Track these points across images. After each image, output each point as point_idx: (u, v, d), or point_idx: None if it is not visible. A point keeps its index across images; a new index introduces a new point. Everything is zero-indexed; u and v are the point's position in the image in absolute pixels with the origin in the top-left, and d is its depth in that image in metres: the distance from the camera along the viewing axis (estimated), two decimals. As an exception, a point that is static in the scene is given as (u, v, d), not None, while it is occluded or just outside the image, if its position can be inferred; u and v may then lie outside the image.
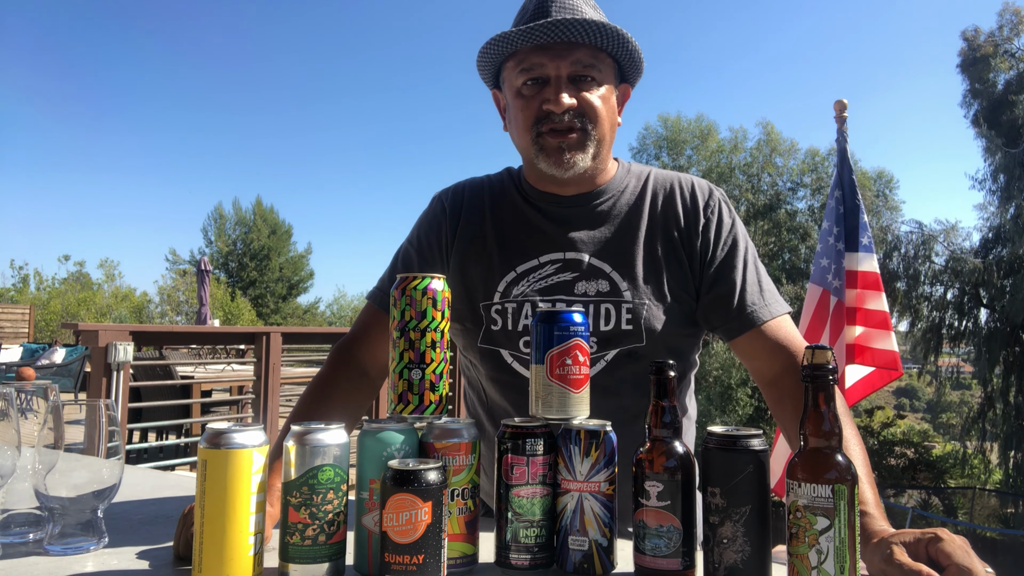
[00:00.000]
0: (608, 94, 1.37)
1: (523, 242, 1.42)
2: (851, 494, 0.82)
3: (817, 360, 0.86)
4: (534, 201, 1.45)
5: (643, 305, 1.35)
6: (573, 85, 1.33)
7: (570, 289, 1.37)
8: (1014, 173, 16.49)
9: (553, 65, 1.32)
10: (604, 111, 1.35)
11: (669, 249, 1.39)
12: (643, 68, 1.42)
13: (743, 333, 1.36)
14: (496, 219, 1.46)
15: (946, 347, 17.93)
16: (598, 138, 1.35)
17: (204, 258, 14.20)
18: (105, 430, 1.04)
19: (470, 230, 1.46)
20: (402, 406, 1.02)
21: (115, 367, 4.17)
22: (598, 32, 1.29)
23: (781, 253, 22.70)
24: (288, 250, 35.65)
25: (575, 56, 1.31)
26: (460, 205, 1.49)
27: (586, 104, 1.33)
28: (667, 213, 1.42)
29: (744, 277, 1.38)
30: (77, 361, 11.01)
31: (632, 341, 1.34)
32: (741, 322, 1.36)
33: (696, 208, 1.41)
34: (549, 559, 0.97)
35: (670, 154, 24.00)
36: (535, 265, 1.39)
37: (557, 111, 1.31)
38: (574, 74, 1.33)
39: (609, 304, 1.35)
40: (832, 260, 3.79)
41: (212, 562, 0.87)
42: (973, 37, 17.95)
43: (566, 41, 1.31)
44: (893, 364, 3.74)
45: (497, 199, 1.48)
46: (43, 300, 26.50)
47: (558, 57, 1.31)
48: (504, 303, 1.38)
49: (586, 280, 1.37)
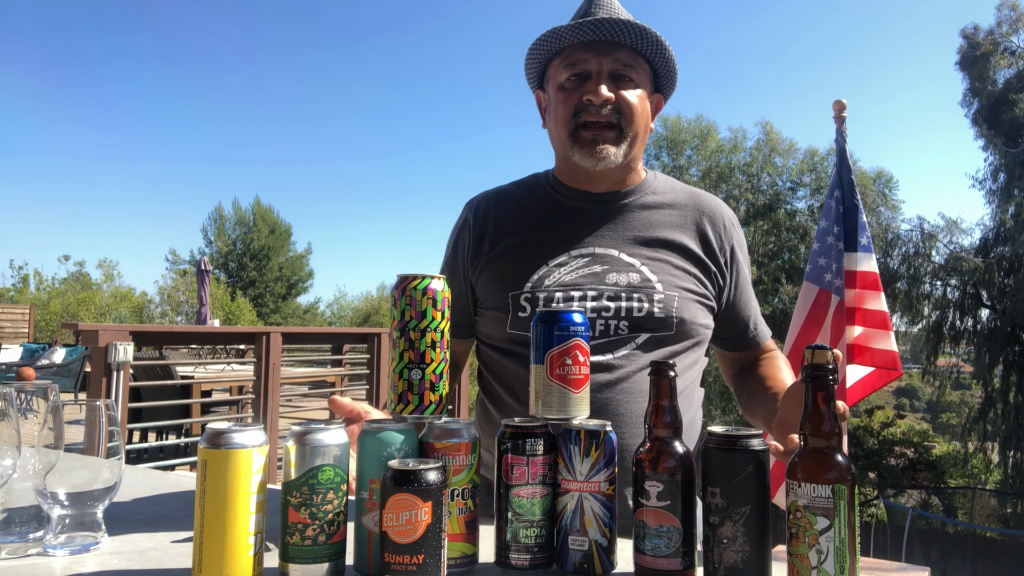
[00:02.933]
0: (644, 96, 1.45)
1: (554, 238, 1.46)
2: (851, 494, 0.82)
3: (817, 360, 0.86)
4: (565, 198, 1.51)
5: (674, 297, 1.41)
6: (613, 82, 1.41)
7: (602, 279, 1.41)
8: (1014, 172, 16.49)
9: (596, 61, 1.41)
10: (639, 110, 1.43)
11: (696, 256, 1.47)
12: (676, 81, 1.52)
13: (743, 351, 1.59)
14: (527, 218, 1.51)
15: (946, 347, 17.92)
16: (632, 135, 1.43)
17: (204, 258, 14.20)
18: (105, 430, 1.04)
19: (500, 233, 1.51)
20: (402, 406, 1.02)
21: (115, 367, 4.17)
22: (640, 34, 1.39)
23: (781, 253, 22.69)
24: (288, 250, 35.66)
25: (616, 55, 1.41)
26: (487, 213, 1.54)
27: (623, 100, 1.41)
28: (696, 225, 1.50)
29: (753, 303, 1.58)
30: (77, 361, 11.00)
31: (662, 327, 1.40)
32: (745, 342, 1.58)
33: (719, 227, 1.51)
34: (549, 559, 0.97)
35: (670, 154, 23.98)
36: (566, 259, 1.44)
37: (596, 101, 1.38)
38: (614, 71, 1.41)
39: (641, 294, 1.40)
40: (832, 259, 3.78)
41: (212, 562, 0.87)
42: (972, 35, 17.92)
43: (609, 41, 1.40)
44: (893, 364, 3.74)
45: (527, 200, 1.54)
46: (43, 300, 26.49)
47: (601, 54, 1.40)
48: (535, 292, 1.42)
49: (617, 272, 1.42)
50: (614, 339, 1.39)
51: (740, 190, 23.26)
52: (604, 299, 1.39)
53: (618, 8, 1.45)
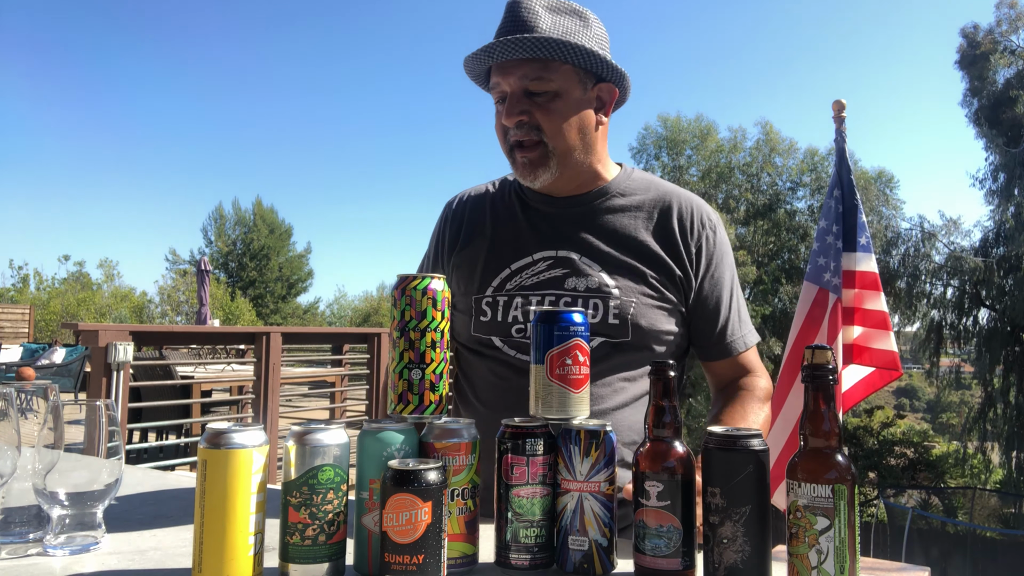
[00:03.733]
0: (570, 102, 1.38)
1: (518, 240, 1.47)
2: (851, 494, 0.82)
3: (817, 360, 0.86)
4: (531, 202, 1.51)
5: (631, 303, 1.39)
6: (528, 99, 1.37)
7: (560, 284, 1.41)
8: (1014, 172, 16.49)
9: (506, 82, 1.37)
10: (561, 121, 1.37)
11: (659, 259, 1.43)
12: (617, 66, 1.41)
13: (719, 360, 1.50)
14: (495, 220, 1.53)
15: (946, 347, 17.92)
16: (560, 149, 1.39)
17: (204, 258, 14.20)
18: (105, 430, 1.04)
19: (472, 232, 1.54)
20: (402, 406, 1.02)
21: (115, 367, 4.17)
22: (537, 46, 1.32)
23: (781, 253, 22.70)
24: (288, 250, 35.67)
25: (522, 71, 1.35)
26: (463, 209, 1.58)
27: (541, 117, 1.37)
28: (662, 225, 1.46)
29: (729, 306, 1.48)
30: (77, 361, 11.00)
31: (618, 334, 1.39)
32: (720, 350, 1.49)
33: (692, 228, 1.46)
34: (549, 559, 0.97)
35: (670, 154, 23.99)
36: (528, 262, 1.45)
37: (509, 125, 1.38)
38: (526, 89, 1.36)
39: (597, 299, 1.39)
40: (831, 259, 3.78)
41: (212, 562, 0.87)
42: (972, 34, 17.92)
43: (513, 59, 1.35)
44: (893, 364, 3.74)
45: (497, 201, 1.56)
46: (43, 300, 26.49)
47: (508, 74, 1.37)
48: (496, 296, 1.44)
49: (576, 277, 1.41)
50: None
51: (740, 190, 23.27)
52: (561, 304, 1.39)
53: (534, 12, 1.36)
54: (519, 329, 1.41)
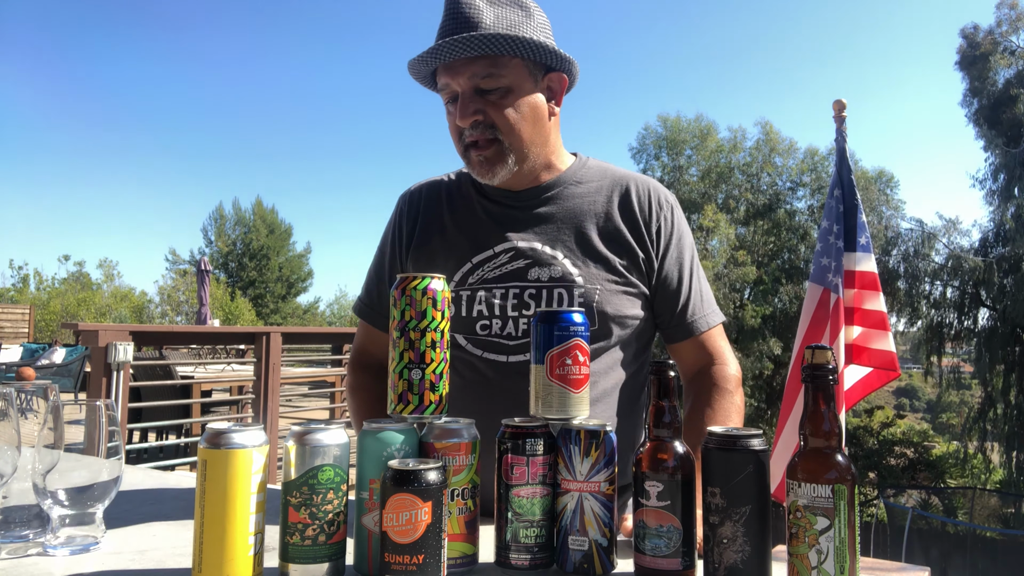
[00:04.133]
0: (522, 96, 1.38)
1: (478, 234, 1.47)
2: (851, 494, 0.82)
3: (817, 360, 0.86)
4: (488, 194, 1.50)
5: (595, 290, 1.39)
6: (480, 97, 1.36)
7: (523, 276, 1.41)
8: (1014, 172, 16.48)
9: (456, 82, 1.36)
10: (515, 116, 1.37)
11: (622, 241, 1.44)
12: (566, 56, 1.40)
13: (682, 340, 1.48)
14: (453, 214, 1.51)
15: (946, 347, 17.92)
16: (516, 145, 1.38)
17: (204, 258, 14.20)
18: (105, 430, 1.04)
19: (429, 226, 1.52)
20: (402, 406, 1.02)
21: (115, 367, 4.17)
22: (486, 43, 1.30)
23: (781, 253, 22.69)
24: (287, 250, 35.66)
25: (472, 70, 1.34)
26: (419, 203, 1.55)
27: (495, 115, 1.36)
28: (621, 208, 1.46)
29: (690, 285, 1.48)
30: (77, 361, 11.00)
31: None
32: (682, 330, 1.48)
33: (650, 209, 1.47)
34: (549, 559, 0.97)
35: (669, 154, 23.98)
36: (490, 255, 1.44)
37: (464, 126, 1.36)
38: (476, 87, 1.35)
39: (562, 289, 1.39)
40: (832, 258, 3.78)
41: (212, 562, 0.87)
42: (972, 34, 17.91)
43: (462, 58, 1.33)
44: (891, 364, 3.74)
45: (454, 195, 1.54)
46: (43, 300, 26.48)
47: (457, 74, 1.35)
48: (458, 290, 1.43)
49: (539, 267, 1.41)
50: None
51: (740, 190, 23.26)
52: (526, 296, 1.39)
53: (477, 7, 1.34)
54: (484, 325, 1.39)
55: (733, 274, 20.96)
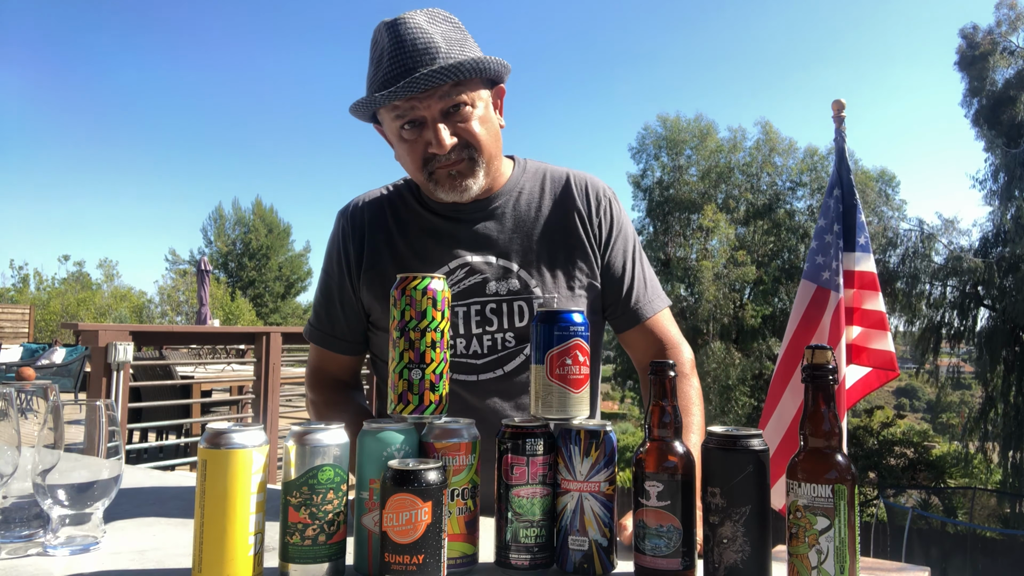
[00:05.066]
0: (485, 112, 1.40)
1: (430, 251, 1.46)
2: (851, 494, 0.82)
3: (817, 360, 0.86)
4: (436, 210, 1.48)
5: (553, 298, 1.42)
6: (448, 119, 1.36)
7: (482, 291, 1.42)
8: (1014, 173, 16.48)
9: (424, 106, 1.34)
10: (484, 132, 1.38)
11: (571, 242, 1.46)
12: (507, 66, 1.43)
13: (629, 328, 1.50)
14: (401, 232, 1.49)
15: (946, 347, 17.91)
16: (486, 160, 1.40)
17: (204, 258, 14.19)
18: (105, 430, 1.04)
19: (377, 247, 1.49)
20: (402, 406, 1.02)
21: (115, 367, 4.17)
22: (458, 71, 1.32)
23: (781, 253, 22.69)
24: (287, 249, 35.65)
25: (440, 92, 1.34)
26: (362, 222, 1.52)
27: (466, 134, 1.37)
28: (564, 208, 1.49)
29: (633, 273, 1.50)
30: (77, 361, 11.00)
31: None
32: (628, 317, 1.50)
33: (590, 203, 1.50)
34: (549, 559, 0.97)
35: (669, 154, 23.98)
36: (445, 272, 1.43)
37: (441, 153, 1.35)
38: (445, 108, 1.35)
39: (521, 301, 1.41)
40: (831, 257, 3.77)
41: (212, 562, 0.87)
42: (972, 35, 17.90)
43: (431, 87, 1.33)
44: (890, 364, 3.73)
45: (399, 212, 1.51)
46: (43, 300, 26.49)
47: (426, 99, 1.33)
48: None
49: (496, 280, 1.42)
50: (503, 353, 1.41)
51: (740, 190, 23.26)
52: (487, 311, 1.40)
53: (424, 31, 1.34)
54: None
55: (733, 274, 20.97)
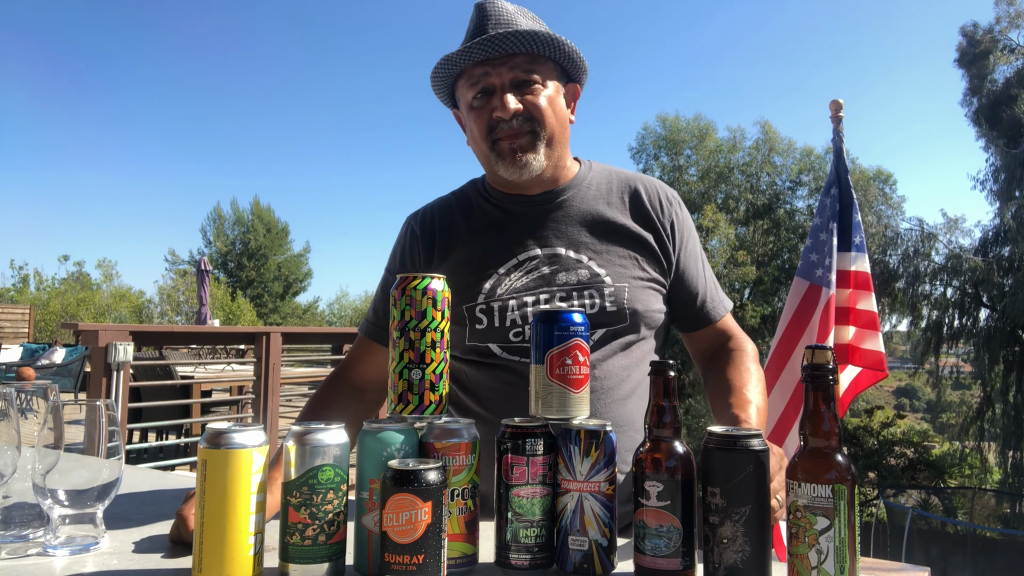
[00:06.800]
0: (554, 94, 1.46)
1: (500, 244, 1.48)
2: (851, 494, 0.82)
3: (817, 360, 0.86)
4: (503, 204, 1.53)
5: (624, 288, 1.43)
6: (517, 91, 1.42)
7: (551, 281, 1.43)
8: (1015, 173, 16.47)
9: (496, 74, 1.41)
10: (550, 111, 1.43)
11: (639, 239, 1.48)
12: (586, 67, 1.51)
13: (699, 329, 1.55)
14: (470, 229, 1.53)
15: (946, 347, 17.91)
16: (548, 136, 1.43)
17: (204, 258, 14.19)
18: (105, 430, 1.04)
19: (446, 245, 1.53)
20: (402, 406, 1.02)
21: (115, 367, 4.17)
22: (532, 40, 1.39)
23: (781, 253, 22.69)
24: (285, 249, 35.63)
25: (514, 62, 1.41)
26: (432, 225, 1.56)
27: (531, 106, 1.41)
28: (634, 207, 1.51)
29: (704, 276, 1.55)
30: (77, 361, 11.00)
31: (617, 321, 1.42)
32: (699, 319, 1.54)
33: (661, 206, 1.52)
34: (549, 559, 0.97)
35: (668, 154, 23.98)
36: (514, 264, 1.45)
37: (505, 116, 1.40)
38: (516, 79, 1.42)
39: (592, 290, 1.42)
40: (824, 255, 3.75)
41: (212, 562, 0.87)
42: (972, 32, 17.89)
43: (505, 53, 1.41)
44: (879, 365, 3.72)
45: (467, 211, 1.56)
46: (43, 300, 26.48)
47: (499, 66, 1.41)
48: (488, 302, 1.43)
49: (566, 271, 1.44)
50: None
51: (739, 190, 23.26)
52: (556, 300, 1.41)
53: (510, 12, 1.44)
54: (517, 333, 1.41)
55: (733, 274, 20.97)
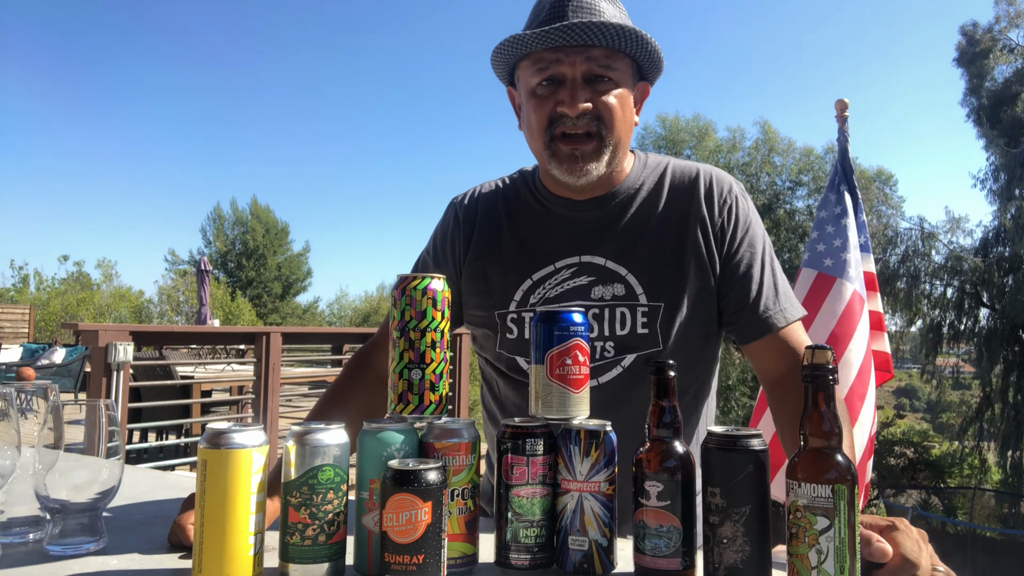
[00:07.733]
0: (625, 95, 1.32)
1: (539, 248, 1.40)
2: (851, 494, 0.82)
3: (817, 360, 0.86)
4: (549, 205, 1.42)
5: (659, 308, 1.33)
6: (589, 86, 1.28)
7: (586, 294, 1.35)
8: (1015, 172, 16.47)
9: (569, 64, 1.27)
10: (620, 114, 1.30)
11: (688, 246, 1.35)
12: (663, 67, 1.38)
13: (757, 339, 1.35)
14: (512, 226, 1.44)
15: (946, 347, 17.91)
16: (613, 143, 1.31)
17: (204, 258, 14.19)
18: (105, 430, 1.04)
19: (485, 238, 1.45)
20: (402, 406, 1.02)
21: (115, 367, 4.17)
22: (615, 34, 1.25)
23: (781, 252, 22.67)
24: (285, 249, 35.62)
25: (591, 54, 1.27)
26: (475, 214, 1.47)
27: (602, 107, 1.28)
28: (686, 208, 1.38)
29: (761, 279, 1.36)
30: (77, 361, 11.01)
31: (649, 345, 1.33)
32: (756, 327, 1.35)
33: (714, 203, 1.38)
34: (549, 559, 0.97)
35: (668, 154, 23.94)
36: (551, 271, 1.38)
37: (572, 114, 1.27)
38: (590, 74, 1.28)
39: (624, 308, 1.33)
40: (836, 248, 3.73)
41: (212, 562, 0.87)
42: (971, 32, 17.88)
43: (584, 43, 1.26)
44: (886, 366, 3.72)
45: (512, 205, 1.46)
46: (43, 300, 26.47)
47: (574, 55, 1.27)
48: (520, 312, 1.38)
49: (602, 284, 1.35)
50: (600, 363, 1.33)
51: (739, 190, 23.21)
52: (589, 316, 1.31)
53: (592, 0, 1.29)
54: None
55: (733, 274, 20.92)
